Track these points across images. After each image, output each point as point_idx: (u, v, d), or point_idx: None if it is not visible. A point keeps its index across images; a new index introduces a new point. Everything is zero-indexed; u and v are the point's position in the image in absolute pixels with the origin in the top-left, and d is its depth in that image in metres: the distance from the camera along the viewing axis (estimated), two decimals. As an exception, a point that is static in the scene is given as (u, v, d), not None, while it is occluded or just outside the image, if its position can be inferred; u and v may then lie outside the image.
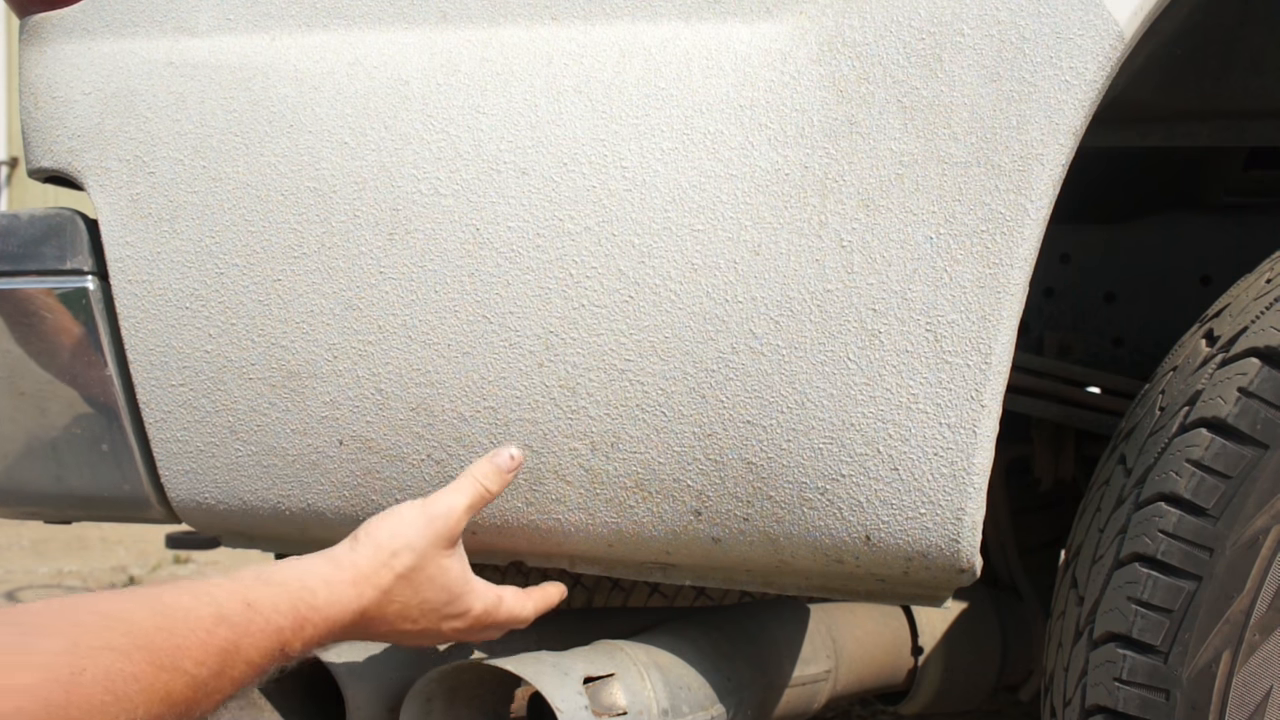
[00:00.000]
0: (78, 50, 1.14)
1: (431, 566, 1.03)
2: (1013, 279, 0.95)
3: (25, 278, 1.16)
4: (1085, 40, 0.93)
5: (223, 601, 0.89)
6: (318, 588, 0.96)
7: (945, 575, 1.01)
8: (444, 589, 1.05)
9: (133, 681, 0.79)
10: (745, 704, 1.23)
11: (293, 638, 0.93)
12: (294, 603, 0.94)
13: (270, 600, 0.92)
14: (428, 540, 1.03)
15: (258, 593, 0.92)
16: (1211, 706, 0.96)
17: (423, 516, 1.03)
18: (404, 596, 1.02)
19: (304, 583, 0.96)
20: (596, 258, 1.02)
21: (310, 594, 0.95)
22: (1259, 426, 0.96)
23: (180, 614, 0.85)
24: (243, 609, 0.89)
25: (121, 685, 0.78)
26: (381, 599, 1.01)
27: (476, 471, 1.05)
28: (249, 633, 0.89)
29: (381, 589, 1.01)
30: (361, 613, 0.99)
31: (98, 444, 1.18)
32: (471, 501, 1.04)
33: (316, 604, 0.95)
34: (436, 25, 1.07)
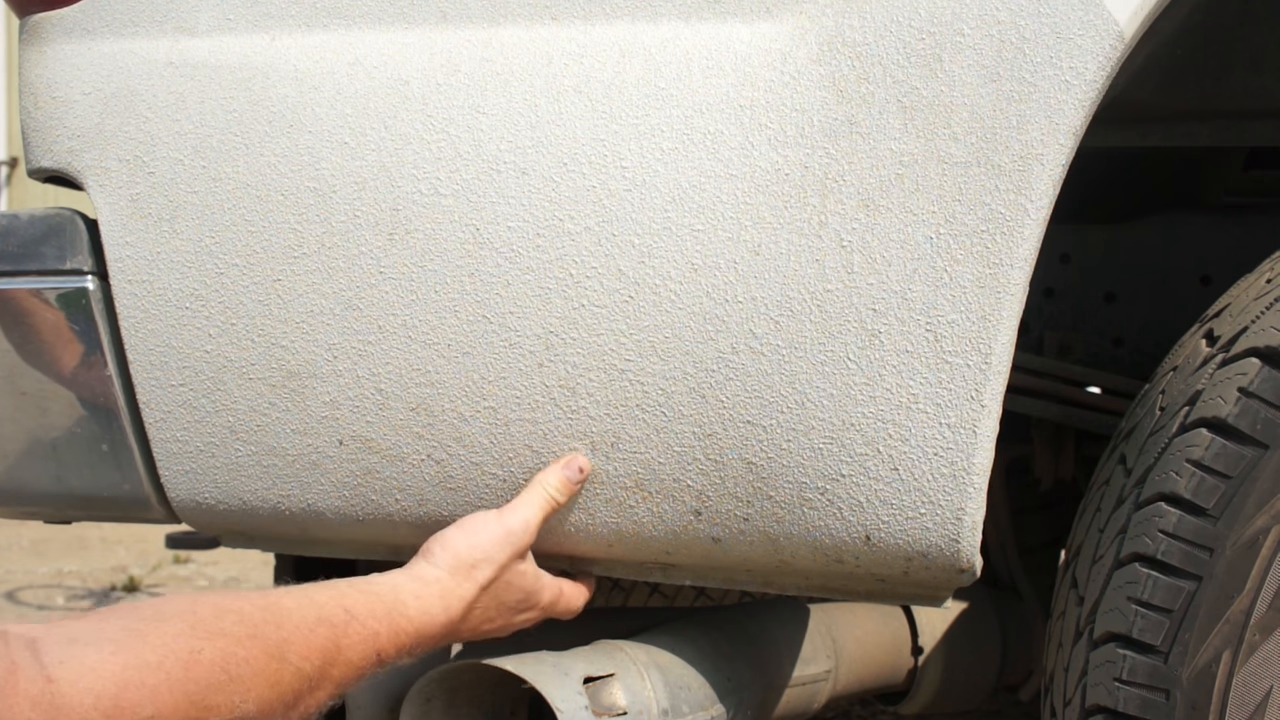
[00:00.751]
0: (78, 50, 1.14)
1: (509, 574, 1.09)
2: (1013, 279, 0.95)
3: (25, 278, 1.16)
4: (1085, 40, 0.93)
5: (323, 605, 0.95)
6: (409, 600, 1.02)
7: (945, 575, 1.01)
8: (520, 590, 1.10)
9: (245, 665, 0.85)
10: (745, 704, 1.23)
11: (387, 644, 0.98)
12: (389, 611, 0.99)
13: (367, 608, 0.98)
14: (506, 554, 1.08)
15: (355, 600, 0.98)
16: (1211, 706, 0.96)
17: (501, 530, 1.07)
18: (484, 604, 1.08)
19: (397, 595, 1.01)
20: (596, 258, 1.02)
21: (404, 605, 1.01)
22: (1259, 426, 0.96)
23: (285, 612, 0.91)
24: (342, 614, 0.95)
25: (235, 667, 0.84)
26: (464, 609, 1.06)
27: (547, 482, 1.07)
28: (348, 635, 0.94)
29: (466, 601, 1.06)
30: (447, 624, 1.05)
31: (98, 444, 1.18)
32: (544, 514, 1.08)
33: (409, 615, 1.01)
34: (436, 25, 1.07)
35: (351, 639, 0.95)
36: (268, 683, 0.86)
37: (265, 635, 0.88)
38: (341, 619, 0.95)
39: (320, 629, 0.93)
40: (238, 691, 0.84)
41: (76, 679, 0.76)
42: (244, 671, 0.85)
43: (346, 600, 0.97)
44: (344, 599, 0.97)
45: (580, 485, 1.07)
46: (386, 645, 0.98)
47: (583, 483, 1.07)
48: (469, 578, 1.06)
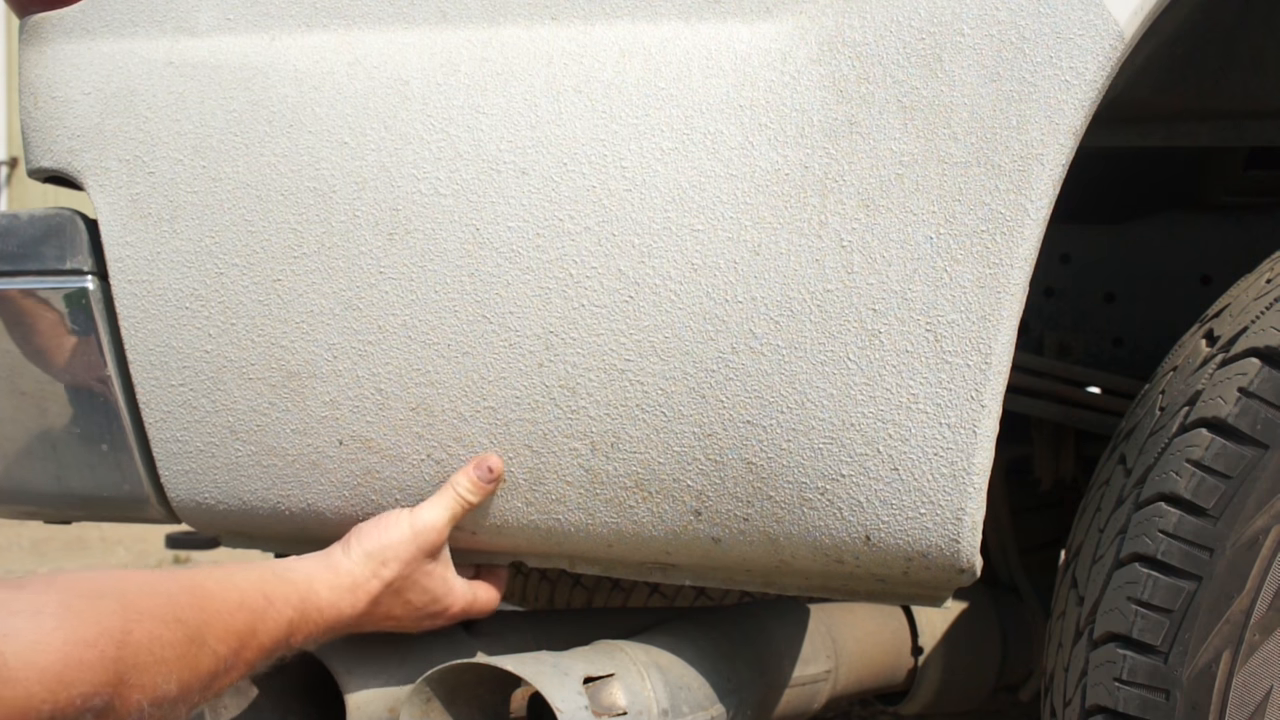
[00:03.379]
0: (78, 50, 1.14)
1: (417, 574, 1.11)
2: (1013, 279, 0.95)
3: (25, 278, 1.16)
4: (1085, 40, 0.93)
5: (245, 590, 0.98)
6: (322, 591, 1.05)
7: (945, 575, 1.01)
8: (426, 592, 1.13)
9: (170, 647, 0.88)
10: (745, 704, 1.23)
11: (297, 631, 1.02)
12: (303, 599, 1.03)
13: (284, 594, 1.01)
14: (412, 553, 1.10)
15: (274, 587, 1.01)
16: (1211, 706, 0.96)
17: (409, 530, 1.10)
18: (391, 603, 1.11)
19: (311, 584, 1.05)
20: (596, 258, 1.02)
21: (316, 595, 1.04)
22: (1259, 426, 0.96)
23: (208, 595, 0.94)
24: (261, 600, 0.98)
25: (161, 649, 0.87)
26: (371, 606, 1.09)
27: (458, 483, 1.09)
28: (264, 620, 0.98)
29: (372, 597, 1.09)
30: (353, 617, 1.08)
31: (98, 444, 1.18)
32: (453, 514, 1.10)
33: (320, 605, 1.04)
34: (436, 25, 1.07)
35: (267, 624, 0.98)
36: (188, 665, 0.90)
37: (188, 619, 0.91)
38: (260, 605, 0.98)
39: (240, 614, 0.96)
40: (161, 673, 0.87)
41: (20, 651, 0.79)
42: (168, 654, 0.88)
43: (266, 586, 1.00)
44: (264, 585, 1.00)
45: (493, 485, 1.09)
46: (297, 631, 1.02)
47: (495, 482, 1.09)
48: (376, 574, 1.09)
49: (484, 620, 1.30)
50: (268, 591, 1.00)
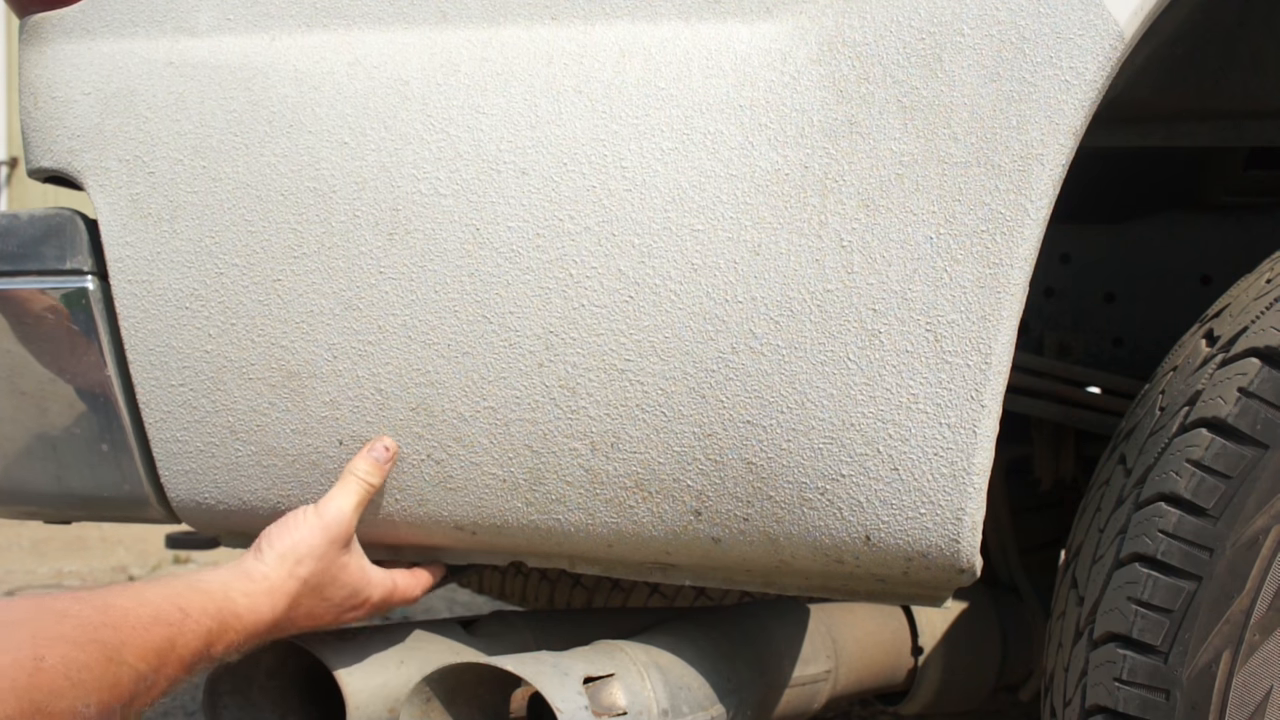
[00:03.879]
0: (78, 50, 1.14)
1: (333, 568, 1.11)
2: (1013, 279, 0.95)
3: (25, 278, 1.16)
4: (1085, 40, 0.93)
5: (158, 605, 0.97)
6: (238, 598, 1.04)
7: (945, 575, 1.01)
8: (345, 586, 1.13)
9: (86, 670, 0.86)
10: (745, 704, 1.23)
11: (216, 641, 1.01)
12: (219, 609, 1.02)
13: (199, 605, 1.00)
14: (324, 546, 1.10)
15: (188, 599, 1.00)
16: (1211, 706, 0.96)
17: (318, 524, 1.10)
18: (310, 602, 1.11)
19: (227, 593, 1.04)
20: (596, 258, 1.02)
21: (232, 604, 1.03)
22: (1259, 426, 0.96)
23: (120, 613, 0.93)
24: (177, 613, 0.97)
25: (77, 673, 0.85)
26: (291, 607, 1.09)
27: (357, 469, 1.11)
28: (182, 633, 0.97)
29: (290, 596, 1.08)
30: (273, 620, 1.07)
31: (98, 444, 1.18)
32: (358, 500, 1.11)
33: (238, 612, 1.04)
34: (436, 25, 1.07)
35: (186, 637, 0.97)
36: (107, 685, 0.88)
37: (103, 639, 0.90)
38: (176, 618, 0.97)
39: (156, 628, 0.95)
40: (80, 696, 0.86)
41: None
42: (85, 676, 0.86)
43: (180, 600, 0.99)
44: (178, 598, 0.99)
45: (389, 464, 1.11)
46: (216, 642, 1.01)
47: (391, 461, 1.10)
48: (292, 574, 1.09)
49: (484, 620, 1.30)
50: (182, 605, 0.99)
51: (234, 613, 1.03)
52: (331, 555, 1.11)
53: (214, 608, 1.01)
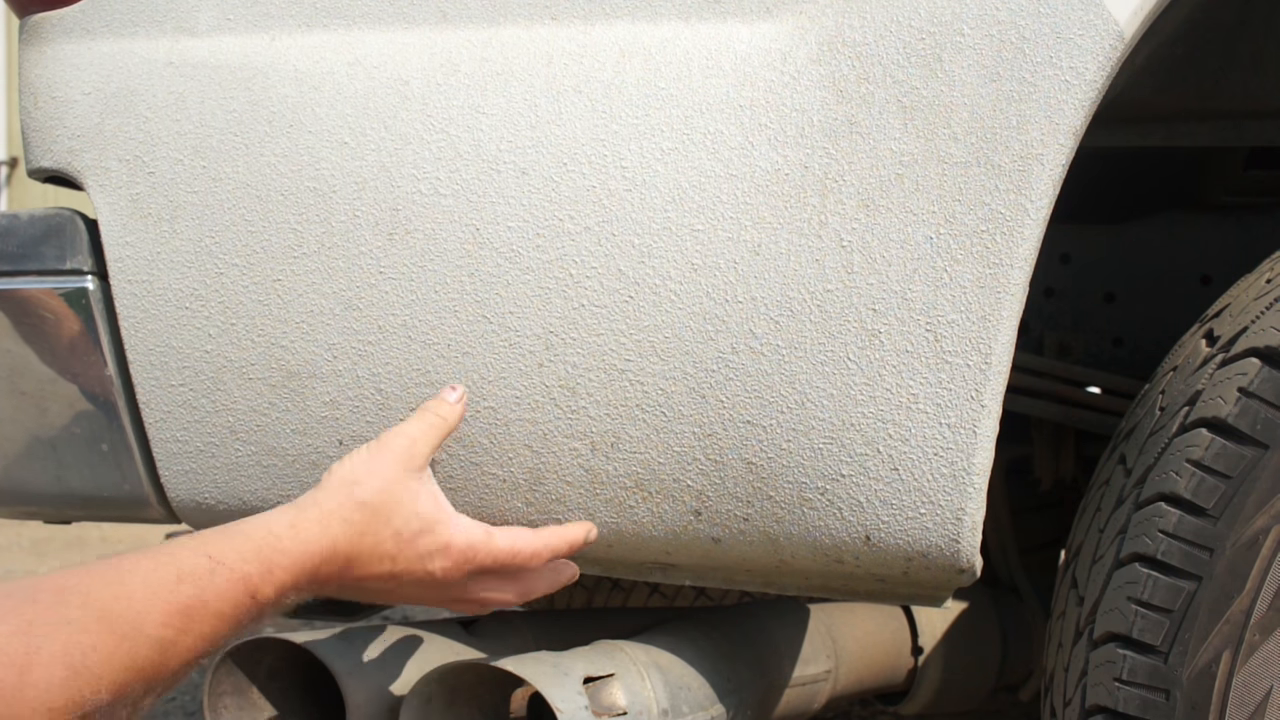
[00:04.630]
0: (78, 50, 1.14)
1: (397, 489, 0.99)
2: (1013, 279, 0.95)
3: (25, 278, 1.16)
4: (1085, 40, 0.93)
5: (184, 560, 0.86)
6: (282, 532, 0.92)
7: (945, 575, 1.01)
8: (415, 515, 0.99)
9: (91, 653, 0.77)
10: (745, 704, 1.23)
11: (261, 583, 0.89)
12: (259, 548, 0.90)
13: (234, 550, 0.89)
14: (388, 464, 0.99)
15: (219, 545, 0.89)
16: (1211, 706, 0.96)
17: (379, 446, 1.00)
18: (373, 528, 0.97)
19: (269, 529, 0.92)
20: (596, 258, 1.02)
21: (275, 538, 0.92)
22: (1259, 426, 0.96)
23: (139, 579, 0.83)
24: (205, 563, 0.86)
25: (80, 658, 0.76)
26: (349, 533, 0.96)
27: (431, 406, 1.04)
28: (213, 585, 0.86)
29: (347, 520, 0.96)
30: (331, 550, 0.94)
31: (98, 444, 1.18)
32: (429, 428, 1.01)
33: (282, 546, 0.92)
34: (436, 25, 1.07)
35: (218, 587, 0.86)
36: (120, 665, 0.78)
37: (115, 613, 0.79)
38: (205, 569, 0.86)
39: (183, 587, 0.84)
40: (86, 684, 0.76)
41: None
42: (90, 661, 0.77)
43: (210, 547, 0.88)
44: (207, 546, 0.88)
45: (462, 404, 1.03)
46: (260, 584, 0.89)
47: (463, 400, 1.03)
48: (349, 495, 0.96)
49: (484, 620, 1.30)
50: (213, 553, 0.87)
51: (276, 548, 0.91)
52: (395, 475, 0.98)
53: (252, 550, 0.89)
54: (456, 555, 1.01)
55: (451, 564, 1.01)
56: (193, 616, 0.84)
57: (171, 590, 0.83)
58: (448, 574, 1.01)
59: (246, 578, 0.88)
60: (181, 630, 0.83)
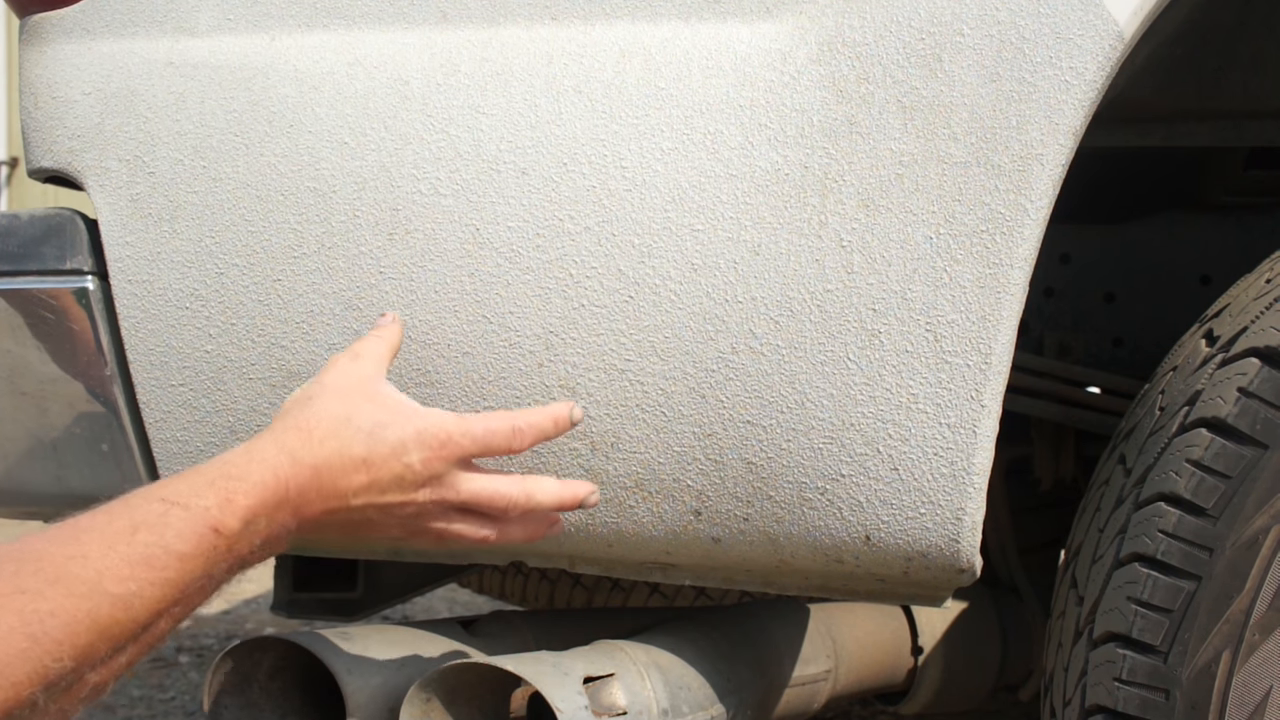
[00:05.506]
0: (78, 50, 1.14)
1: (353, 393, 0.95)
2: (1013, 279, 0.95)
3: (25, 278, 1.16)
4: (1085, 40, 0.93)
5: (137, 508, 0.83)
6: (236, 459, 0.89)
7: (945, 575, 1.01)
8: (379, 408, 0.94)
9: (50, 619, 0.75)
10: (745, 704, 1.23)
11: (222, 515, 0.85)
12: (212, 480, 0.86)
13: (188, 488, 0.85)
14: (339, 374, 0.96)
15: (173, 486, 0.85)
16: (1211, 706, 0.96)
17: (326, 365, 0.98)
18: (335, 430, 0.92)
19: (224, 460, 0.89)
20: (596, 258, 1.02)
21: (228, 466, 0.88)
22: (1259, 426, 0.96)
23: (94, 535, 0.80)
24: (158, 506, 0.83)
25: (38, 625, 0.74)
26: (308, 442, 0.91)
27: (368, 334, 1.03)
28: (171, 527, 0.82)
29: (305, 430, 0.91)
30: (293, 464, 0.90)
31: (98, 444, 1.18)
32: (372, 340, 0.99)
33: (237, 473, 0.87)
34: (436, 25, 1.07)
35: (177, 528, 0.82)
36: (83, 628, 0.76)
37: (71, 574, 0.77)
38: (158, 512, 0.82)
39: (138, 536, 0.80)
40: (47, 652, 0.74)
41: None
42: (50, 626, 0.74)
43: (164, 490, 0.84)
44: (162, 489, 0.84)
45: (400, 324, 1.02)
46: (223, 518, 0.84)
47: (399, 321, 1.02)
48: (303, 409, 0.92)
49: (484, 620, 1.30)
50: (166, 495, 0.83)
51: (233, 475, 0.87)
52: (349, 381, 0.94)
53: (205, 482, 0.85)
54: (431, 440, 0.95)
55: (429, 452, 0.95)
56: (154, 564, 0.80)
57: (128, 541, 0.80)
58: (429, 465, 0.95)
59: (204, 511, 0.84)
60: (146, 581, 0.80)
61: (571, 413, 1.01)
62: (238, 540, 0.86)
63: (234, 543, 0.86)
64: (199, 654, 2.85)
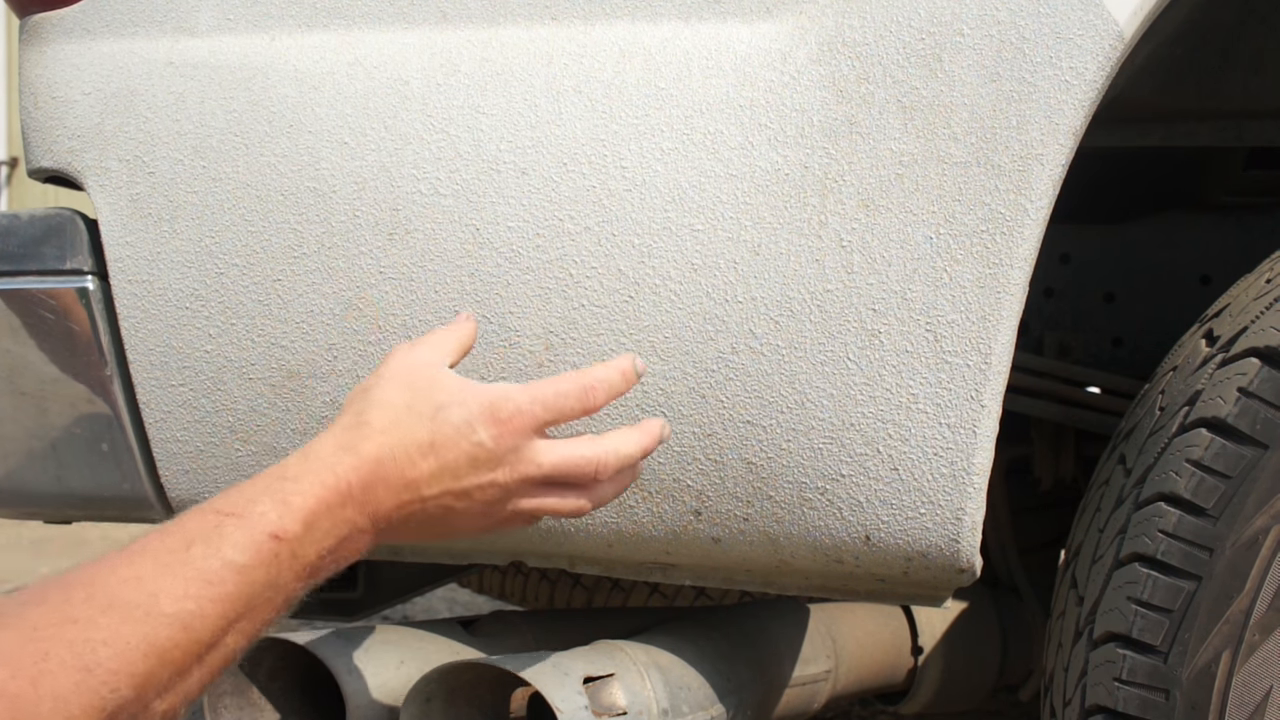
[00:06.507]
0: (78, 50, 1.14)
1: (411, 380, 0.90)
2: (1013, 279, 0.95)
3: (25, 278, 1.16)
4: (1085, 40, 0.93)
5: (191, 524, 0.79)
6: (291, 463, 0.85)
7: (945, 575, 1.01)
8: (437, 390, 0.89)
9: (103, 647, 0.71)
10: (745, 704, 1.23)
11: (280, 520, 0.81)
12: (267, 486, 0.83)
13: (241, 497, 0.81)
14: (396, 366, 0.91)
15: (227, 499, 0.82)
16: (1211, 706, 0.96)
17: (385, 360, 0.93)
18: (396, 419, 0.88)
19: (279, 466, 0.85)
20: (596, 258, 1.02)
21: (283, 469, 0.84)
22: (1259, 426, 0.96)
23: (148, 557, 0.77)
24: (212, 519, 0.80)
25: (91, 656, 0.71)
26: (368, 434, 0.87)
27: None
28: (225, 537, 0.78)
29: (362, 423, 0.87)
30: (354, 458, 0.85)
31: (98, 444, 1.18)
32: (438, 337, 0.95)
33: (292, 474, 0.84)
34: (436, 25, 1.07)
35: (233, 539, 0.78)
36: (140, 654, 0.72)
37: (125, 599, 0.73)
38: (212, 524, 0.78)
39: (194, 550, 0.77)
40: (103, 683, 0.70)
41: None
42: (103, 656, 0.71)
43: (218, 503, 0.80)
44: (216, 503, 0.80)
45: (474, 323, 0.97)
46: (282, 523, 0.80)
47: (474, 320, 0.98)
48: (362, 402, 0.88)
49: (484, 620, 1.30)
50: (220, 507, 0.80)
51: (287, 477, 0.83)
52: (407, 371, 0.90)
53: (259, 489, 0.81)
54: (499, 414, 0.89)
55: (499, 427, 0.89)
56: (211, 579, 0.77)
57: (182, 559, 0.77)
58: (501, 440, 0.89)
59: (261, 518, 0.80)
60: (204, 599, 0.76)
61: (635, 364, 0.95)
62: (302, 545, 0.82)
63: (297, 548, 0.82)
64: (199, 654, 2.84)
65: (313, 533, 0.83)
